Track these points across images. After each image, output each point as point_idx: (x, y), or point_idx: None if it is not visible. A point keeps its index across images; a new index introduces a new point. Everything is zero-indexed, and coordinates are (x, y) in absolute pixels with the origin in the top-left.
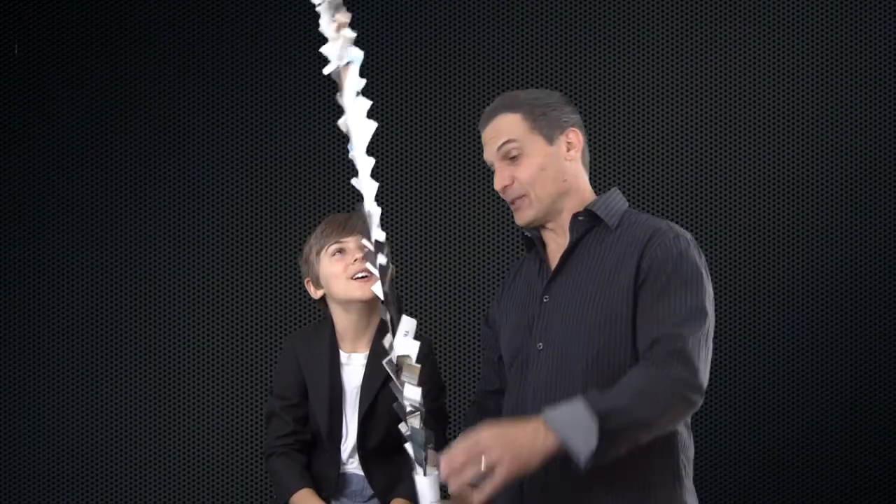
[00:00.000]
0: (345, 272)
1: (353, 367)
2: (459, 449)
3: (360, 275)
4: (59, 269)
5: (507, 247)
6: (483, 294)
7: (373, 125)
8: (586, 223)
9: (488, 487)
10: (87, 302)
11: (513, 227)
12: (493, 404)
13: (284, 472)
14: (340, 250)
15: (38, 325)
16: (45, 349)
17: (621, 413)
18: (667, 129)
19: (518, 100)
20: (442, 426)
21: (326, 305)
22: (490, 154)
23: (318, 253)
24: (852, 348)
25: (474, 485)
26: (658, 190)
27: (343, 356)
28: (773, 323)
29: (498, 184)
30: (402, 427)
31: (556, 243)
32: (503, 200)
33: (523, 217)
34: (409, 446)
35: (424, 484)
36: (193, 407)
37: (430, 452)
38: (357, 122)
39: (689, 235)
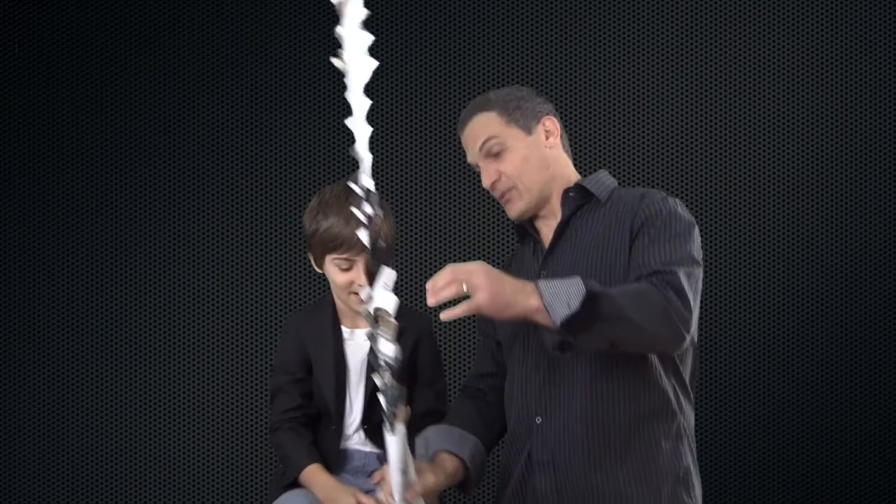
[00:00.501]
0: (347, 287)
1: (355, 343)
2: (446, 271)
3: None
4: (59, 269)
5: (506, 236)
6: None
7: (373, 63)
8: (577, 199)
9: (461, 308)
10: (88, 302)
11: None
12: (485, 386)
13: (293, 448)
14: (348, 268)
15: (39, 325)
16: (45, 349)
17: (611, 301)
18: (667, 129)
19: (490, 99)
20: (443, 408)
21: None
22: (473, 155)
23: (323, 254)
24: (852, 348)
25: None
26: (658, 189)
27: (345, 332)
28: (773, 322)
29: (486, 181)
30: (376, 379)
31: (548, 226)
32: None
33: (515, 208)
34: (381, 397)
35: (392, 442)
36: (193, 407)
37: (400, 410)
38: (356, 57)
39: (678, 200)
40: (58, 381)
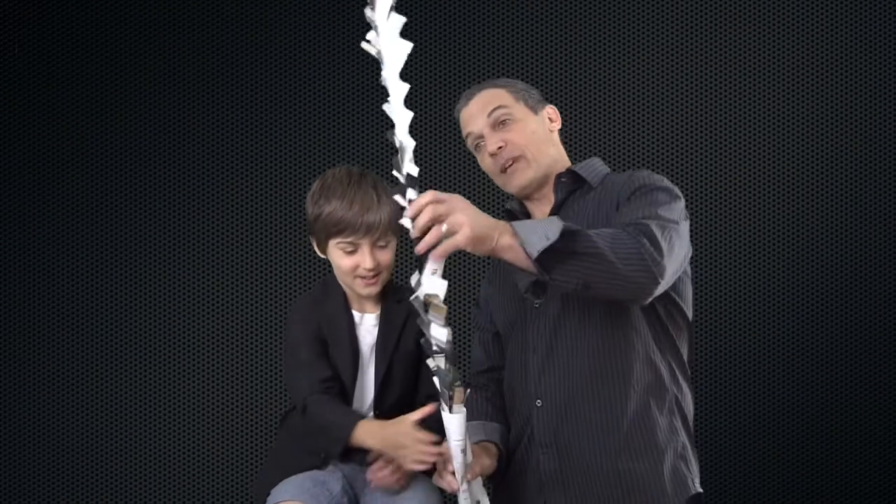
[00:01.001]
0: (353, 271)
1: (365, 328)
2: (427, 207)
3: (368, 276)
4: (59, 269)
5: None
6: (474, 278)
7: (407, 45)
8: (569, 184)
9: (442, 248)
10: (88, 302)
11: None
12: (485, 380)
13: (339, 410)
14: (353, 251)
15: (39, 325)
16: (45, 349)
17: (587, 239)
18: (666, 129)
19: (497, 80)
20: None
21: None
22: (479, 124)
23: (327, 238)
24: (852, 348)
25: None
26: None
27: (356, 316)
28: (773, 322)
29: (492, 146)
30: (430, 363)
31: (541, 211)
32: (495, 189)
33: (521, 178)
34: (436, 380)
35: (452, 422)
36: (193, 407)
37: (457, 391)
38: (390, 41)
39: (664, 176)
40: (58, 381)
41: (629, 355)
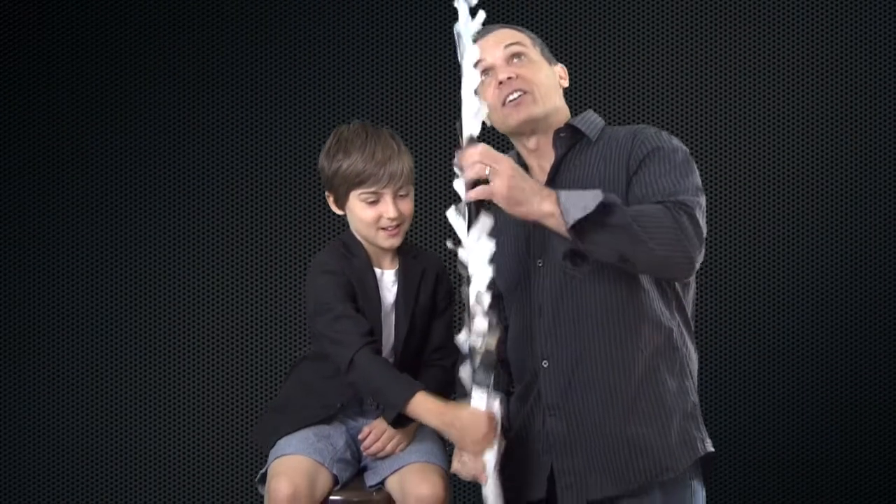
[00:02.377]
0: (376, 221)
1: (384, 284)
2: (477, 149)
3: (391, 227)
4: (59, 269)
5: None
6: None
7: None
8: (568, 139)
9: (476, 191)
10: (88, 302)
11: None
12: None
13: (394, 375)
14: (375, 201)
15: (39, 325)
16: (46, 349)
17: (625, 214)
18: (666, 129)
19: (516, 26)
20: (451, 340)
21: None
22: (494, 55)
23: (348, 191)
24: (852, 348)
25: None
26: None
27: (377, 272)
28: (773, 322)
29: (502, 74)
30: (465, 368)
31: (541, 167)
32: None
33: (526, 110)
34: (463, 370)
35: (485, 405)
36: (193, 407)
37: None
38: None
39: (670, 133)
40: (58, 381)
41: (638, 316)
